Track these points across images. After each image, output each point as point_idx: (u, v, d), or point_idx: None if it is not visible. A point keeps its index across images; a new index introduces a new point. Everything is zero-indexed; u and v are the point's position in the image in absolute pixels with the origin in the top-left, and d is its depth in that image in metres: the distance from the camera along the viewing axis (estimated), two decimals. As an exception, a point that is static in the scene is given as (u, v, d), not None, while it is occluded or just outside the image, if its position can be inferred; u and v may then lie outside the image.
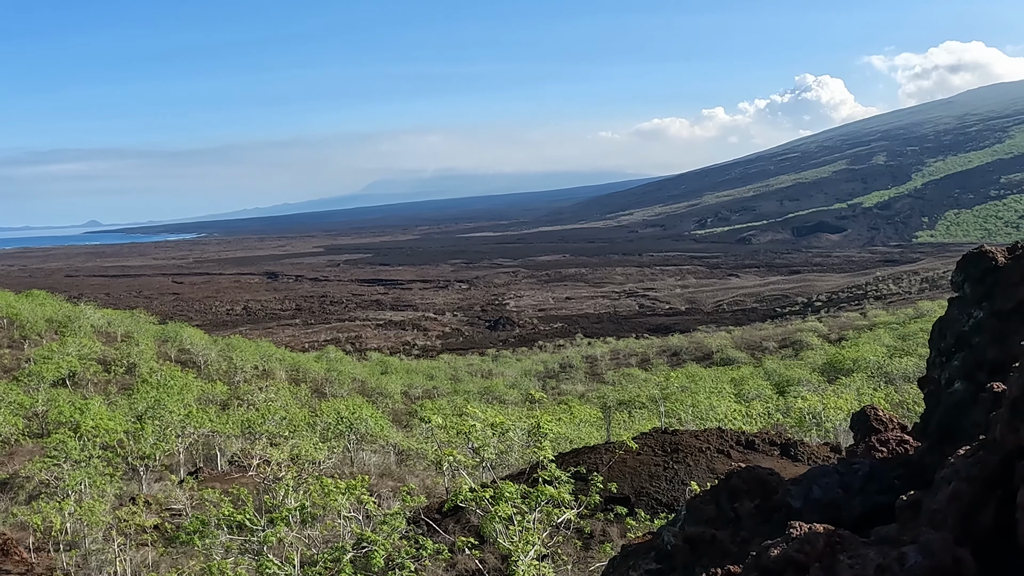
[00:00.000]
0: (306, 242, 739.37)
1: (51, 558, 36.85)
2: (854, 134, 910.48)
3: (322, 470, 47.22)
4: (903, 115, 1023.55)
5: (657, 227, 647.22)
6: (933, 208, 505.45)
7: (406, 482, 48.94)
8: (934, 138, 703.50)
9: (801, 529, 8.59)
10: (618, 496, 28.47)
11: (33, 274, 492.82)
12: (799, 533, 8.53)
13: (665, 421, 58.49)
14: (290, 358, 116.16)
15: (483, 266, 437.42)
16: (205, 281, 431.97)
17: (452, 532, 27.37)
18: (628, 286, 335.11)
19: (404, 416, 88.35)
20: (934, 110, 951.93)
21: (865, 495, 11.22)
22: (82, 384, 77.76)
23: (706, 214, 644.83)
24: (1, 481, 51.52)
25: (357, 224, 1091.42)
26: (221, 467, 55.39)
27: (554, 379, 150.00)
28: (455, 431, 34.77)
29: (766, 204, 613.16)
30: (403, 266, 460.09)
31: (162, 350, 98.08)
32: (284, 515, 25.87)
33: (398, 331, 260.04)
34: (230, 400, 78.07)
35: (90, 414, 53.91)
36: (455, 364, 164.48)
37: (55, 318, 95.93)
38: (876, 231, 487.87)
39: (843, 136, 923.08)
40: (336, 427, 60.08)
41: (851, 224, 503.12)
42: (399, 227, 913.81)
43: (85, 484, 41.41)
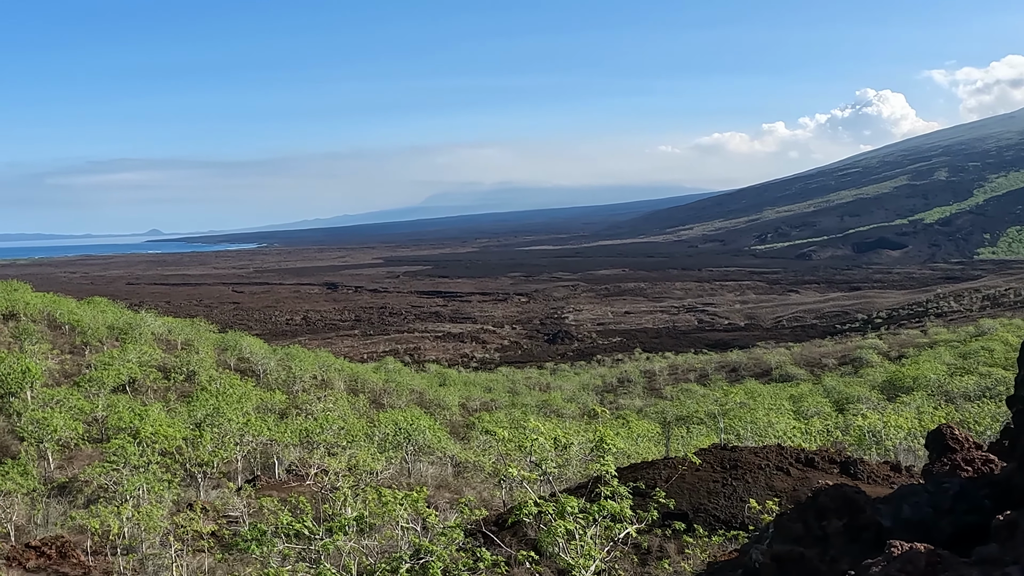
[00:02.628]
0: (366, 253, 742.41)
1: (108, 562, 36.81)
2: (915, 149, 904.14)
3: (379, 480, 47.01)
4: (964, 130, 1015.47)
5: (717, 242, 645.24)
6: (995, 224, 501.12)
7: (463, 494, 48.62)
8: (996, 153, 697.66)
9: (901, 548, 8.18)
10: (676, 512, 28.02)
11: (95, 281, 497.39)
12: (900, 552, 8.12)
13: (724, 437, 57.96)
14: (349, 368, 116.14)
15: (542, 279, 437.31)
16: (265, 291, 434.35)
17: (509, 545, 26.97)
18: (687, 301, 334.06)
19: (462, 428, 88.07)
20: (996, 125, 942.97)
21: (955, 515, 10.78)
22: (142, 391, 78.03)
23: (766, 229, 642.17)
24: (60, 485, 51.67)
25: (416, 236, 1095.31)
26: (279, 475, 55.30)
27: (612, 393, 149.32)
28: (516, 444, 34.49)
29: (826, 220, 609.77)
30: (462, 278, 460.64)
31: (221, 358, 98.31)
32: (342, 524, 25.63)
33: (457, 343, 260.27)
34: (288, 409, 78.08)
35: (149, 420, 54.00)
36: (513, 377, 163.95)
37: (116, 325, 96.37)
38: (937, 248, 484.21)
39: (904, 151, 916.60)
40: (394, 438, 59.85)
41: (912, 240, 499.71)
42: (458, 239, 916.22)
43: (143, 489, 41.44)
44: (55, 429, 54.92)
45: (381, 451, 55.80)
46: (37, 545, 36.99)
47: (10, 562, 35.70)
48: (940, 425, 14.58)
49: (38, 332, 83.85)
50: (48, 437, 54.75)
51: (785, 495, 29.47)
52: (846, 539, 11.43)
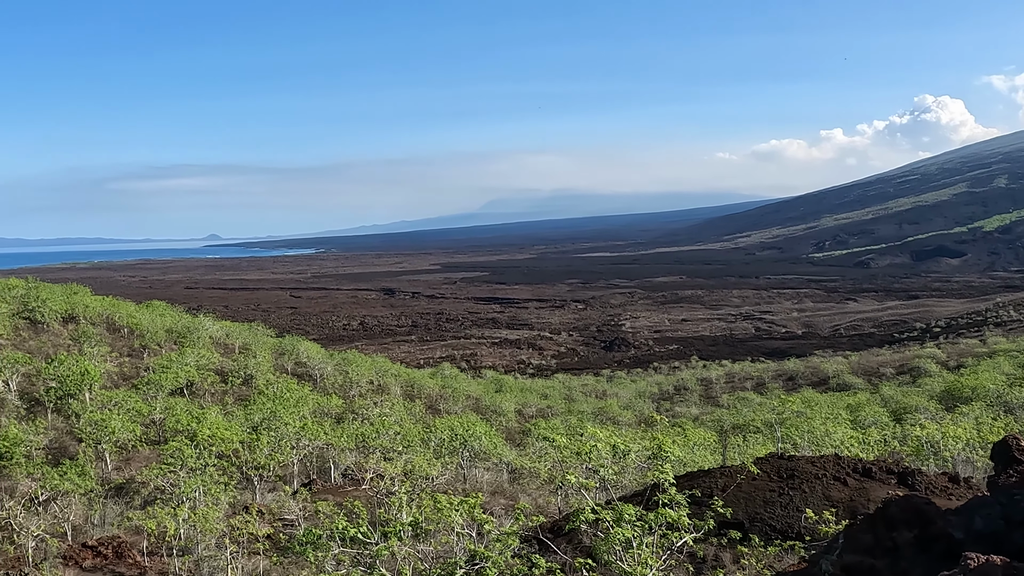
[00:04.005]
0: (423, 259, 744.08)
1: (164, 562, 36.93)
2: (974, 156, 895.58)
3: (435, 486, 46.92)
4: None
5: (774, 249, 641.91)
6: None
7: (518, 500, 48.42)
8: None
9: (978, 560, 7.94)
10: (732, 521, 27.73)
11: (153, 285, 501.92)
12: (976, 564, 7.89)
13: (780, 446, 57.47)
14: (405, 374, 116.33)
15: (599, 286, 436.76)
16: (322, 296, 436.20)
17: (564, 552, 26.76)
18: (744, 309, 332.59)
19: (517, 434, 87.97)
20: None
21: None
22: (199, 394, 78.40)
23: (824, 237, 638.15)
24: (118, 486, 51.95)
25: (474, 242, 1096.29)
26: (334, 480, 55.34)
27: (668, 401, 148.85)
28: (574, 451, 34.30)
29: (885, 227, 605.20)
30: (519, 285, 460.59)
31: (279, 363, 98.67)
32: (397, 529, 25.52)
33: (513, 350, 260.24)
34: (345, 414, 78.19)
35: (207, 423, 54.23)
36: (569, 384, 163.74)
37: (174, 329, 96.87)
38: (996, 256, 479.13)
39: (963, 158, 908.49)
40: (450, 443, 59.76)
41: (971, 248, 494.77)
42: (515, 246, 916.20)
43: (200, 491, 41.56)
44: (113, 431, 55.24)
45: (437, 456, 55.72)
46: (94, 545, 37.18)
47: (67, 561, 35.90)
48: (1006, 436, 14.25)
49: (97, 335, 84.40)
50: (106, 438, 55.08)
51: (842, 505, 29.11)
52: (916, 550, 11.19)
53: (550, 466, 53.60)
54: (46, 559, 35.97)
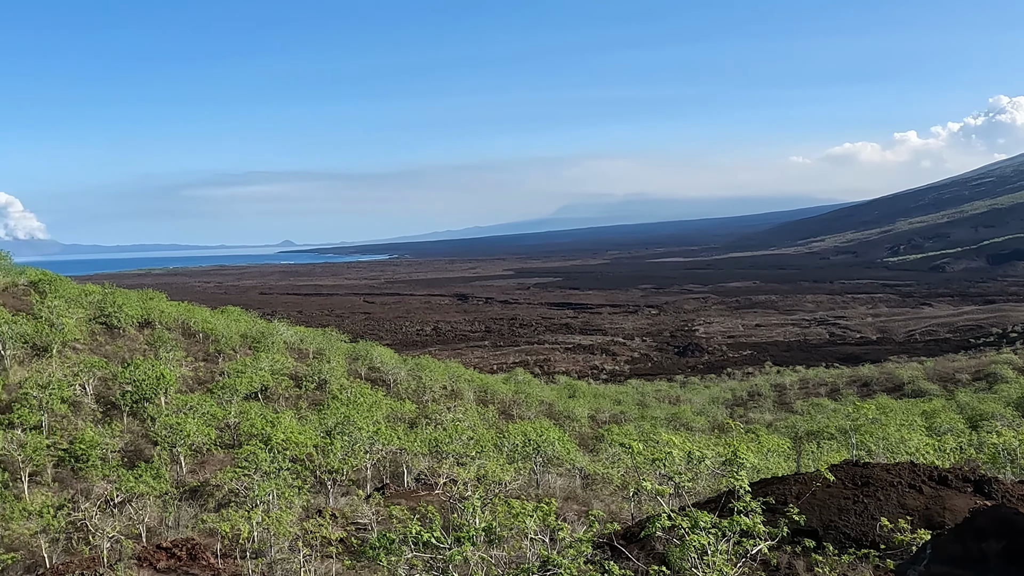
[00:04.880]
0: (496, 265, 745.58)
1: (237, 565, 37.07)
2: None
3: (508, 491, 46.81)
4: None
5: (848, 254, 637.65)
6: None
7: (591, 506, 48.26)
8: None
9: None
10: (805, 528, 27.40)
11: (228, 291, 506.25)
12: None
13: (855, 453, 56.87)
14: (478, 379, 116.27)
15: (673, 292, 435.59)
16: (396, 301, 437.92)
17: (637, 559, 26.55)
18: (819, 314, 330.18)
19: (590, 440, 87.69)
20: None
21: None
22: (273, 398, 78.75)
23: (898, 241, 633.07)
24: (192, 488, 52.28)
25: (547, 248, 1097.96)
26: (408, 484, 55.38)
27: (742, 407, 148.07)
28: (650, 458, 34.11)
29: (960, 231, 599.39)
30: (592, 290, 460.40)
31: (352, 368, 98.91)
32: (470, 534, 25.45)
33: (587, 355, 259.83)
34: (418, 419, 78.26)
35: (281, 427, 54.50)
36: (643, 390, 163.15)
37: (249, 334, 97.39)
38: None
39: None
40: (523, 449, 59.61)
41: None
42: (588, 251, 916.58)
43: (273, 495, 41.72)
44: (188, 434, 55.64)
45: (510, 462, 55.58)
46: (168, 546, 37.40)
47: (141, 562, 36.13)
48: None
49: (173, 340, 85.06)
50: (181, 442, 55.47)
51: (917, 514, 28.67)
52: (1005, 561, 10.95)
53: (623, 472, 53.35)
54: (121, 560, 36.21)
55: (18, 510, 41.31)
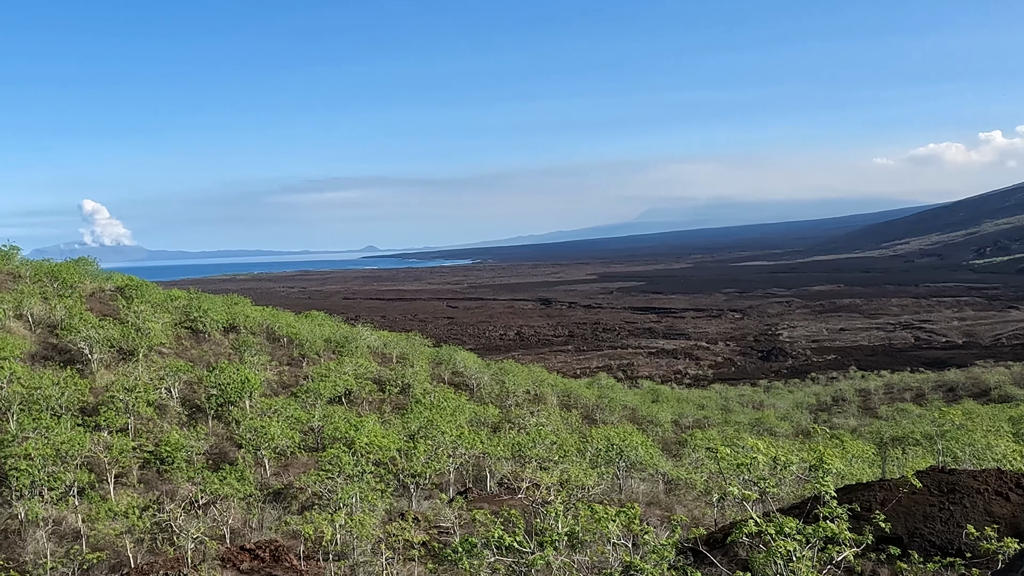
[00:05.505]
0: (580, 269, 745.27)
1: (320, 567, 37.20)
2: None
3: (590, 496, 46.67)
4: None
5: (933, 256, 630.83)
6: None
7: (674, 511, 47.98)
8: None
9: None
10: (890, 536, 26.95)
11: (312, 296, 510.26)
12: None
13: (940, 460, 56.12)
14: (561, 384, 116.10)
15: (756, 295, 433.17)
16: (479, 306, 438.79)
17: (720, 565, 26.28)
18: (903, 318, 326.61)
19: (673, 445, 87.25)
20: None
21: None
22: (357, 402, 79.03)
23: (984, 243, 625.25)
24: (276, 491, 52.57)
25: (630, 252, 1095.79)
26: (490, 488, 55.33)
27: (826, 412, 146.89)
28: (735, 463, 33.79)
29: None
30: (676, 294, 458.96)
31: (436, 372, 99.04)
32: (553, 539, 25.33)
33: (670, 359, 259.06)
34: (501, 423, 78.21)
35: (364, 431, 54.69)
36: (726, 394, 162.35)
37: (333, 338, 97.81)
38: None
39: None
40: (606, 454, 59.45)
41: None
42: (672, 255, 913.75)
43: (356, 498, 41.87)
44: (272, 437, 55.95)
45: (593, 467, 55.47)
46: (251, 548, 37.61)
47: (225, 563, 36.35)
48: None
49: (257, 344, 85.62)
50: (265, 445, 55.79)
51: (1004, 521, 28.14)
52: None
53: (706, 477, 53.02)
54: (204, 561, 36.46)
55: (104, 511, 41.72)
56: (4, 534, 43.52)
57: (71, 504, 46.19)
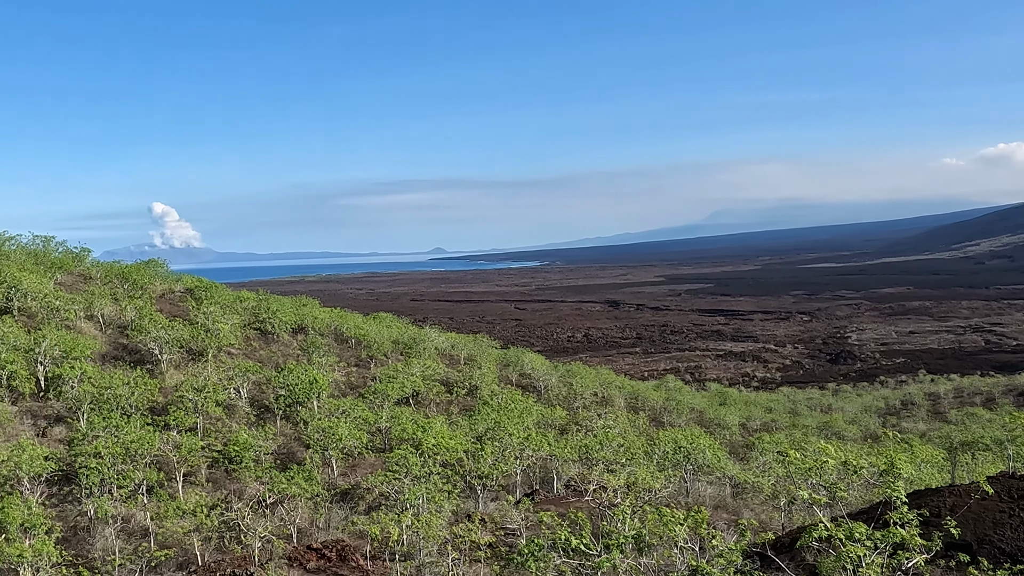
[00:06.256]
0: (647, 271, 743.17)
1: (386, 567, 37.29)
2: None
3: (657, 499, 46.44)
4: None
5: (1004, 258, 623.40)
6: None
7: (741, 515, 47.69)
8: None
9: None
10: (959, 542, 26.57)
11: (380, 298, 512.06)
12: None
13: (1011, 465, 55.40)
14: (629, 386, 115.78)
15: (825, 298, 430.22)
16: (547, 308, 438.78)
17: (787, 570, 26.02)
18: (974, 321, 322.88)
19: (741, 448, 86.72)
20: None
21: None
22: (425, 403, 79.16)
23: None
24: (343, 491, 52.79)
25: (698, 254, 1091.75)
26: (557, 490, 55.28)
27: (895, 416, 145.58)
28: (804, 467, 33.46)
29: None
30: (744, 296, 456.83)
31: (503, 374, 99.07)
32: (620, 542, 25.19)
33: (738, 362, 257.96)
34: (568, 425, 78.07)
35: (432, 432, 54.72)
36: (794, 397, 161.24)
37: (400, 340, 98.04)
38: None
39: None
40: (673, 456, 59.15)
41: None
42: (740, 257, 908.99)
43: (423, 499, 41.91)
44: (340, 438, 56.17)
45: (660, 469, 55.21)
46: (318, 547, 37.80)
47: (292, 562, 36.55)
48: None
49: (325, 345, 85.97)
50: (333, 445, 56.02)
51: (1077, 528, 27.68)
52: None
53: (774, 481, 52.63)
54: (271, 559, 36.66)
55: (172, 509, 42.07)
56: (74, 531, 44.03)
57: (140, 502, 46.63)
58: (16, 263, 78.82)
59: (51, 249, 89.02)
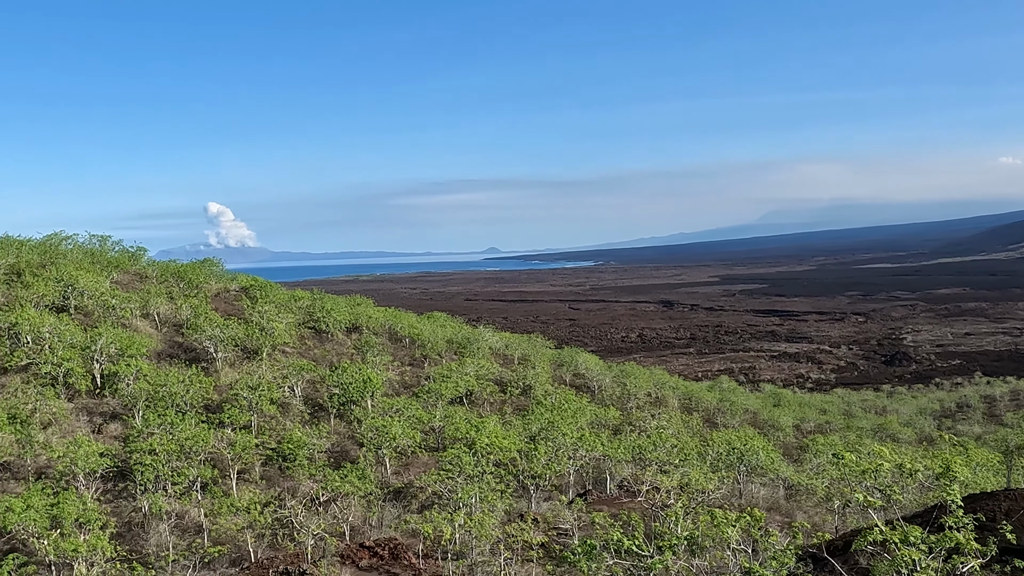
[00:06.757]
0: (702, 272, 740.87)
1: (438, 566, 37.39)
2: None
3: (710, 500, 46.32)
4: None
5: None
6: None
7: (794, 517, 47.57)
8: None
9: None
10: (1015, 547, 26.30)
11: (434, 297, 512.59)
12: None
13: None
14: (683, 387, 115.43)
15: (880, 299, 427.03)
16: (601, 308, 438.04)
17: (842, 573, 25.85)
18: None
19: (794, 450, 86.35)
20: None
21: None
22: (478, 403, 79.21)
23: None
24: (396, 490, 52.97)
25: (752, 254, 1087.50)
26: (610, 491, 55.23)
27: (950, 419, 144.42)
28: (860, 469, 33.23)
29: None
30: (798, 297, 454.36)
31: (557, 374, 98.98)
32: (672, 543, 25.14)
33: (792, 363, 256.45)
34: (622, 426, 77.97)
35: (485, 432, 54.84)
36: (848, 399, 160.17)
37: (454, 339, 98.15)
38: None
39: None
40: (727, 458, 59.01)
41: None
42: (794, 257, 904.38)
43: (476, 498, 41.98)
44: (393, 437, 56.34)
45: (713, 470, 55.06)
46: (371, 545, 37.95)
47: (344, 560, 36.71)
48: None
49: (379, 344, 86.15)
50: (386, 444, 56.21)
51: None
52: None
53: (827, 483, 52.36)
54: (324, 556, 36.83)
55: (226, 506, 42.39)
56: (128, 526, 44.39)
57: (194, 499, 47.02)
58: (73, 262, 79.60)
59: (107, 248, 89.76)
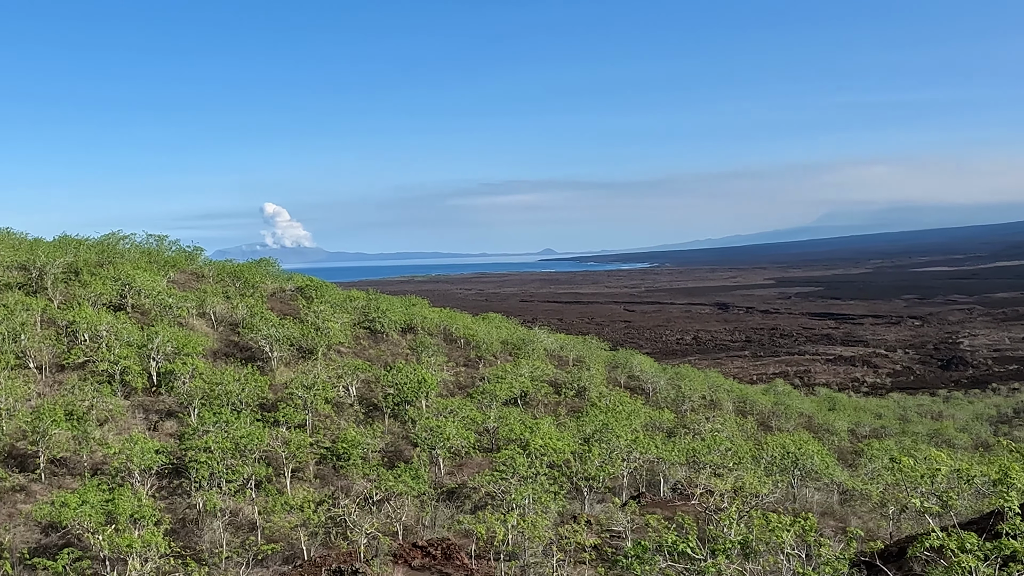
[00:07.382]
0: (757, 274, 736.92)
1: (491, 566, 37.46)
2: None
3: (764, 504, 46.11)
4: None
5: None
6: None
7: (848, 522, 47.28)
8: None
9: None
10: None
11: (489, 298, 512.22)
12: None
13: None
14: (738, 389, 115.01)
15: (936, 302, 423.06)
16: (656, 310, 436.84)
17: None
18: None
19: (849, 455, 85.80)
20: None
21: None
22: (533, 404, 79.29)
23: None
24: (449, 490, 53.11)
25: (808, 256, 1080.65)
26: (664, 493, 55.12)
27: (1007, 424, 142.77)
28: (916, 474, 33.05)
29: None
30: (854, 300, 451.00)
31: (612, 376, 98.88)
32: (726, 546, 25.07)
33: (847, 367, 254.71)
34: (676, 428, 77.83)
35: (539, 433, 54.91)
36: (904, 404, 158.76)
37: (509, 340, 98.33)
38: None
39: None
40: (781, 461, 58.73)
41: None
42: (850, 260, 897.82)
43: (529, 499, 42.05)
44: (447, 437, 56.48)
45: (767, 474, 54.81)
46: (423, 545, 38.07)
47: (397, 559, 36.85)
48: None
49: (434, 345, 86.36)
50: (440, 444, 56.35)
51: None
52: None
53: (882, 489, 51.98)
54: (377, 555, 36.99)
55: (280, 504, 42.64)
56: (182, 523, 44.76)
57: (248, 496, 47.35)
58: (130, 261, 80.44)
59: (164, 248, 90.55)
